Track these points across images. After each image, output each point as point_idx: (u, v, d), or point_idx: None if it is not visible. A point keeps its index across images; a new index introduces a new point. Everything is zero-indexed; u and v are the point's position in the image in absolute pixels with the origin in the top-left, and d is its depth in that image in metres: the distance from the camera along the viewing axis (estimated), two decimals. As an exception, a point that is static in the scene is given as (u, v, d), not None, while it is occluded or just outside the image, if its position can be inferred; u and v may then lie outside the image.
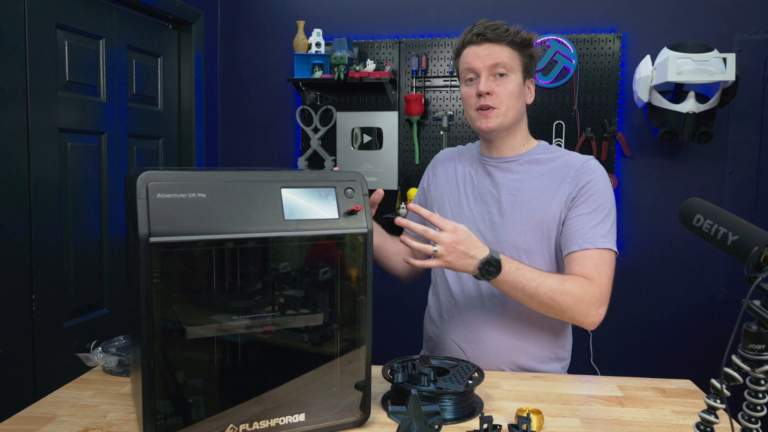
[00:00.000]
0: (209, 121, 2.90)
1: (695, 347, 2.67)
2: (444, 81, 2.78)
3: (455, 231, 1.12)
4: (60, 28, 1.98)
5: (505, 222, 1.32)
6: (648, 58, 2.44)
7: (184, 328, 0.86)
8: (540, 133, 2.70)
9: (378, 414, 1.05)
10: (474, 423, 1.02)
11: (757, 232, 0.65)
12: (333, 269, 0.97)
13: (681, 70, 2.29)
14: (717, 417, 0.68)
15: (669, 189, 2.66)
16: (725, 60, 2.27)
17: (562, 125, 2.70)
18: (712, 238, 0.69)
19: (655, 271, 2.69)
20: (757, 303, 0.63)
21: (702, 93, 2.42)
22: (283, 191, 0.93)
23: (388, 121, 2.84)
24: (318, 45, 2.73)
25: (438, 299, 1.45)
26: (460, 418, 1.02)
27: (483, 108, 1.30)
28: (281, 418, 0.94)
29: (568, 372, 1.41)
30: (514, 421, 1.01)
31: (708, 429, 0.68)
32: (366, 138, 2.87)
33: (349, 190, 0.97)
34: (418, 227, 1.12)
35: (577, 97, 2.67)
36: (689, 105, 2.36)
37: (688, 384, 1.24)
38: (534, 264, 1.30)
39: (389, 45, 2.82)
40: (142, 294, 0.82)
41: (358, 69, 2.68)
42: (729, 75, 2.27)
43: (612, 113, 2.65)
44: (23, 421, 1.01)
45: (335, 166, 2.88)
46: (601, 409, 1.10)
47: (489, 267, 1.13)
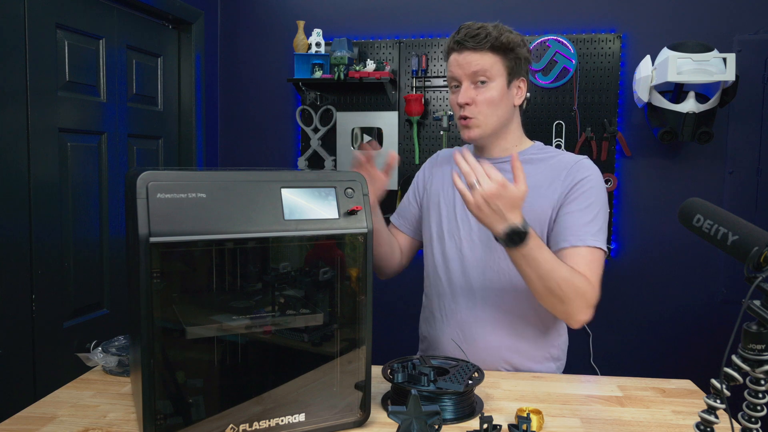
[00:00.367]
0: (209, 121, 2.90)
1: (695, 347, 2.67)
2: (444, 81, 2.78)
3: (503, 186, 1.07)
4: (60, 28, 1.98)
5: None
6: (648, 58, 2.44)
7: (184, 328, 0.86)
8: (540, 133, 2.70)
9: (378, 414, 1.05)
10: (474, 423, 1.02)
11: (757, 232, 0.65)
12: (333, 269, 0.97)
13: (681, 70, 2.29)
14: (717, 417, 0.68)
15: (669, 189, 2.66)
16: (725, 60, 2.27)
17: (562, 125, 2.70)
18: (712, 238, 0.69)
19: (655, 271, 2.69)
20: (757, 303, 0.63)
21: (702, 93, 2.42)
22: (283, 191, 0.93)
23: (388, 121, 2.84)
24: (318, 45, 2.73)
25: (430, 299, 1.46)
26: (460, 418, 1.02)
27: (463, 118, 1.31)
28: (281, 418, 0.94)
29: (568, 372, 1.41)
30: (514, 421, 1.01)
31: (708, 429, 0.68)
32: (366, 138, 2.87)
33: (349, 190, 0.97)
34: (469, 160, 1.09)
35: (577, 97, 2.67)
36: (689, 105, 2.36)
37: (688, 384, 1.24)
38: None
39: (389, 45, 2.82)
40: (142, 294, 0.82)
41: (358, 69, 2.68)
42: (729, 75, 2.27)
43: (612, 113, 2.65)
44: (23, 421, 1.01)
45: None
46: (601, 409, 1.10)
47: (515, 236, 1.10)
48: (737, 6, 2.55)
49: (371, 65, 2.70)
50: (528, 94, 1.36)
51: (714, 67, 2.28)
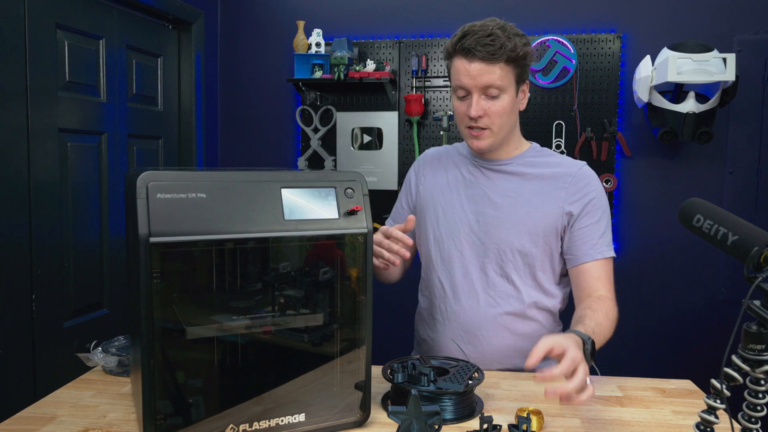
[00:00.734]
0: (209, 121, 2.90)
1: (695, 347, 2.67)
2: (444, 81, 2.78)
3: (575, 348, 0.99)
4: (60, 28, 1.98)
5: (501, 223, 1.32)
6: (648, 58, 2.44)
7: (184, 328, 0.86)
8: (540, 134, 2.70)
9: (378, 414, 1.05)
10: (474, 423, 1.02)
11: (757, 232, 0.65)
12: (333, 269, 0.97)
13: (681, 70, 2.29)
14: (717, 417, 0.68)
15: (669, 189, 2.66)
16: (725, 60, 2.27)
17: (562, 125, 2.70)
18: (712, 238, 0.69)
19: (655, 271, 2.69)
20: (757, 303, 0.63)
21: (702, 93, 2.42)
22: (283, 191, 0.93)
23: (388, 121, 2.84)
24: (318, 45, 2.73)
25: (430, 300, 1.44)
26: (460, 418, 1.02)
27: (472, 128, 1.28)
28: (281, 418, 0.94)
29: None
30: (514, 421, 1.01)
31: (708, 429, 0.68)
32: (366, 138, 2.87)
33: (349, 190, 0.97)
34: (560, 368, 0.95)
35: (577, 97, 2.67)
36: (689, 105, 2.36)
37: (688, 384, 1.24)
38: (531, 265, 1.32)
39: (389, 45, 2.82)
40: (142, 294, 0.82)
41: (358, 69, 2.68)
42: (729, 75, 2.27)
43: (612, 113, 2.65)
44: (23, 421, 1.01)
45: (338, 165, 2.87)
46: (601, 409, 1.10)
47: (593, 350, 1.07)
48: (737, 6, 2.55)
49: (371, 65, 2.70)
50: (528, 94, 1.35)
51: (714, 67, 2.28)
